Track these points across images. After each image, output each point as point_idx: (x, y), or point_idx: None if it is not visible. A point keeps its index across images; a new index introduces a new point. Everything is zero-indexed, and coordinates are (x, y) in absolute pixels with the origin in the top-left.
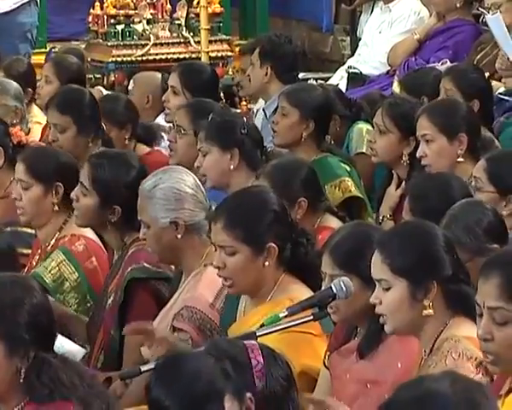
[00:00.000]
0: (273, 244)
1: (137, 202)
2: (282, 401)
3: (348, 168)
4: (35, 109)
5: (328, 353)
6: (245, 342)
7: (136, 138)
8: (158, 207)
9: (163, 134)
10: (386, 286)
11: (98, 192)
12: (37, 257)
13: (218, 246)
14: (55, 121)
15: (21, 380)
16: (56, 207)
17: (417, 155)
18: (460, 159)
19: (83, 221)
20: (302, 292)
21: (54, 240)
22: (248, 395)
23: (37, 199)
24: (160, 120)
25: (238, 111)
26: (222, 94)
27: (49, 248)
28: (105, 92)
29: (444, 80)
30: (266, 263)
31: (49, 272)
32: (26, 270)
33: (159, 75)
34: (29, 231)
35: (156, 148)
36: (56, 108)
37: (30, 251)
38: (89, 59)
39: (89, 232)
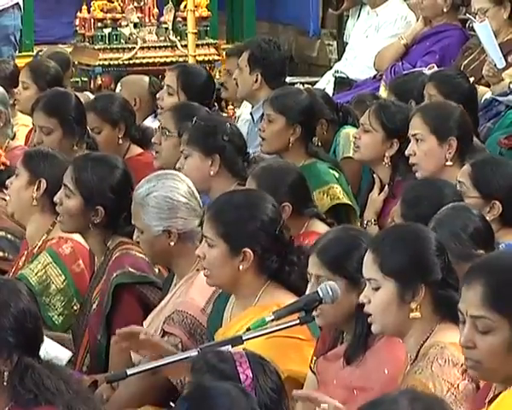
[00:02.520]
0: (249, 250)
1: (122, 205)
2: (272, 408)
3: (337, 174)
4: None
5: (314, 358)
6: (233, 352)
7: (130, 139)
8: (151, 216)
9: None
10: (376, 286)
11: (81, 193)
12: (24, 258)
13: (203, 235)
14: (41, 124)
15: (5, 383)
16: (35, 202)
17: (406, 152)
18: (448, 162)
19: (67, 225)
20: (289, 298)
21: (41, 242)
22: None
23: (19, 188)
24: (149, 122)
25: (225, 115)
26: None
27: (35, 249)
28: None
29: (428, 86)
30: (241, 267)
31: (36, 274)
32: (12, 271)
33: (146, 78)
34: (0, 233)
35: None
36: (43, 111)
37: (0, 253)
38: (75, 62)
39: (76, 236)
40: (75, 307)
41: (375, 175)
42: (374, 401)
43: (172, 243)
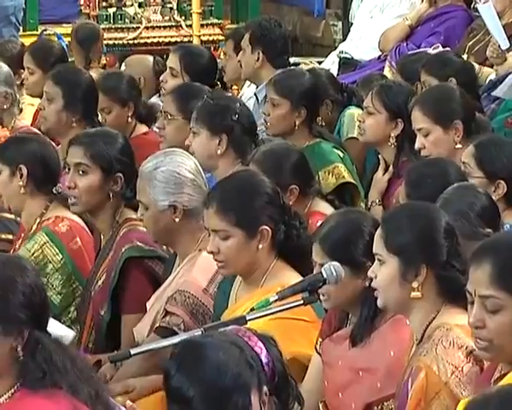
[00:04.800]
0: (266, 227)
1: (134, 170)
2: (286, 378)
3: (341, 154)
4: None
5: (320, 339)
6: (233, 329)
7: (137, 118)
8: (157, 190)
9: None
10: (381, 261)
11: (100, 165)
12: (20, 241)
13: (211, 231)
14: (46, 89)
15: (21, 358)
16: (23, 190)
17: (416, 147)
18: (458, 145)
19: (84, 204)
20: (294, 279)
21: (36, 225)
22: (265, 389)
23: (5, 182)
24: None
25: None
26: None
27: (31, 233)
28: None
29: (421, 75)
30: (260, 246)
31: (32, 254)
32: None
33: (151, 58)
34: (10, 216)
35: (154, 128)
36: (52, 78)
37: (10, 236)
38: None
39: (72, 215)
40: (74, 286)
41: (380, 156)
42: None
43: (177, 220)
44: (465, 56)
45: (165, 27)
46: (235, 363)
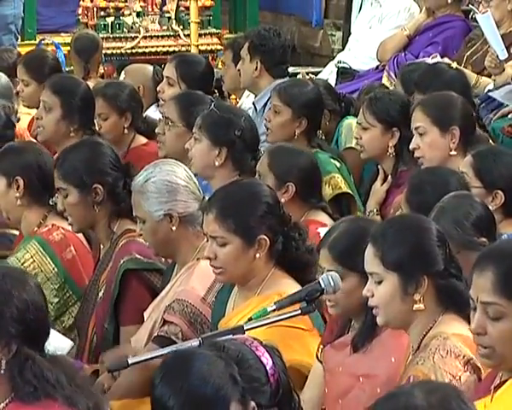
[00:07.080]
0: (264, 236)
1: (117, 175)
2: (290, 391)
3: (338, 164)
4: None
5: (321, 346)
6: (240, 338)
7: (136, 130)
8: (151, 202)
9: None
10: (378, 279)
11: (73, 183)
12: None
13: (209, 236)
14: (44, 98)
15: (2, 371)
16: (19, 202)
17: (410, 147)
18: (453, 152)
19: (77, 222)
20: (291, 287)
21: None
22: (252, 404)
23: (1, 193)
24: (151, 111)
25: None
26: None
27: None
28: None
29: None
30: (257, 255)
31: (22, 264)
32: None
33: (150, 67)
34: (15, 232)
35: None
36: (49, 87)
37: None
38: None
39: (69, 226)
40: (67, 295)
41: (379, 166)
42: (388, 396)
43: (174, 228)
44: (463, 66)
45: (163, 37)
46: (218, 375)
